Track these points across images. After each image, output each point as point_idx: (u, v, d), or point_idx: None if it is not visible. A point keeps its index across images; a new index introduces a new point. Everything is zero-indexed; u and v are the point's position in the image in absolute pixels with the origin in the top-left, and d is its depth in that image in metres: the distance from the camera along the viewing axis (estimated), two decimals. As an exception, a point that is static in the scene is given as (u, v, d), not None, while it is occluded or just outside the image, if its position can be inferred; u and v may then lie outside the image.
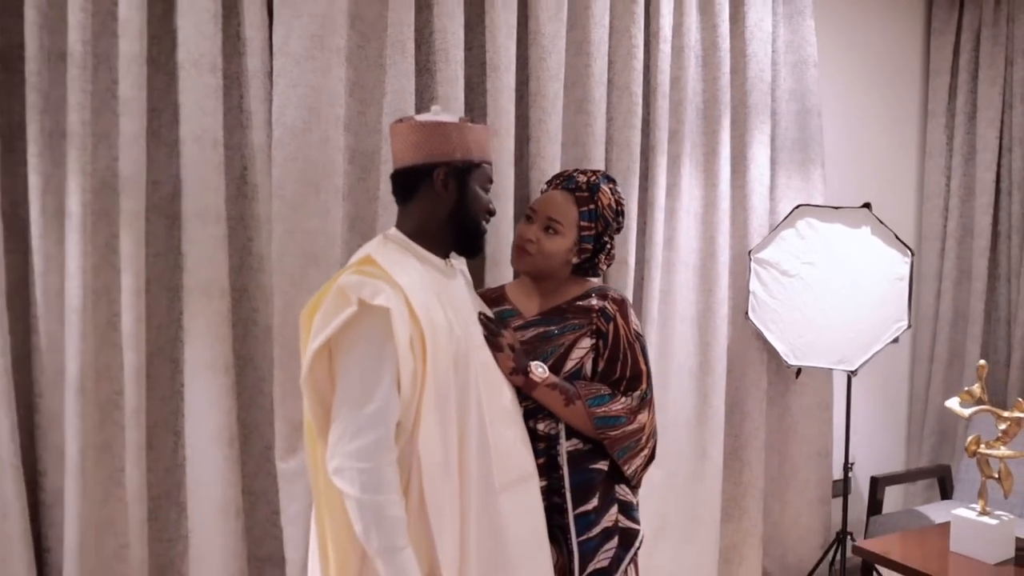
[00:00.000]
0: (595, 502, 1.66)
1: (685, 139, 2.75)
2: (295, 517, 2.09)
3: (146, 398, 2.00)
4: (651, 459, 1.77)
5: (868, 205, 2.83)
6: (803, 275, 2.83)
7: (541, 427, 1.68)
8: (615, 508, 1.69)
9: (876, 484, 3.15)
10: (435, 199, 1.55)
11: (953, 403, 2.36)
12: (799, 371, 3.02)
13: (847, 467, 2.98)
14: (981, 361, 2.36)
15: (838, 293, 2.81)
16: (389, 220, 2.08)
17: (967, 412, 2.32)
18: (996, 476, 2.30)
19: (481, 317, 1.64)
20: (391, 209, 1.69)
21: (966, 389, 2.33)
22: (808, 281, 2.83)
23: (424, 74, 2.28)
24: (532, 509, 1.60)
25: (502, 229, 2.31)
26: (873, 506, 3.14)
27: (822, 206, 2.88)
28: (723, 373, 2.86)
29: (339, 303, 1.37)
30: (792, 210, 2.86)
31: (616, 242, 2.53)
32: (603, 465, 1.69)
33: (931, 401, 3.60)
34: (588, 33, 2.49)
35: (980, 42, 3.53)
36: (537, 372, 1.64)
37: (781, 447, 3.11)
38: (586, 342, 1.71)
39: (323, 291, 1.44)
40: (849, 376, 2.91)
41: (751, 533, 2.98)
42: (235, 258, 2.13)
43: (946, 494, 3.30)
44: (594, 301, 1.75)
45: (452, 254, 1.66)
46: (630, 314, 1.76)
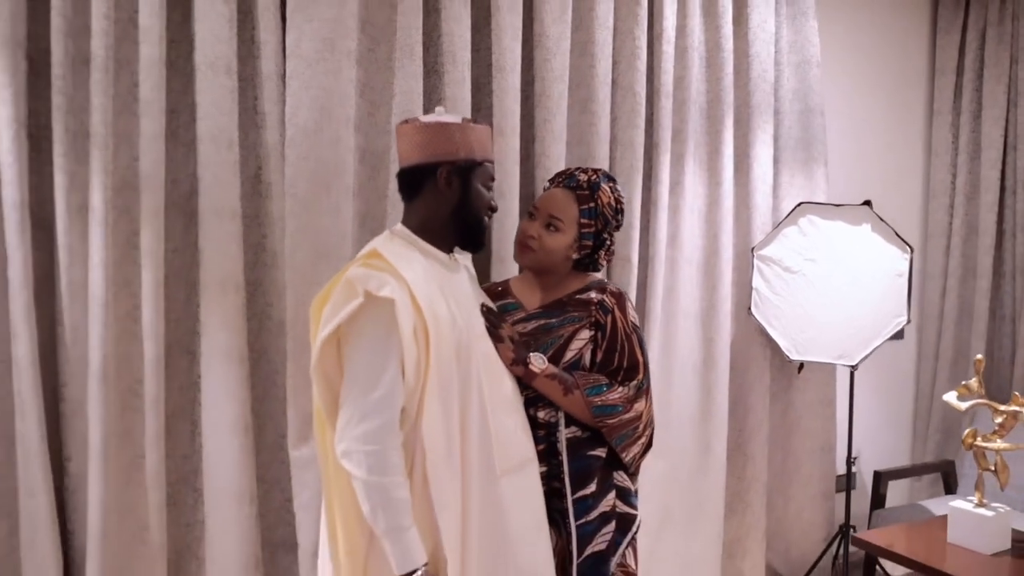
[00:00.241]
0: (593, 487, 1.73)
1: (689, 138, 2.80)
2: (307, 503, 2.17)
3: (164, 388, 2.08)
4: (648, 447, 1.83)
5: (868, 202, 2.87)
6: (805, 271, 2.88)
7: (541, 415, 1.74)
8: (613, 494, 1.75)
9: (879, 479, 3.19)
10: (439, 196, 1.61)
11: (951, 397, 2.40)
12: (801, 366, 3.06)
13: (849, 462, 3.02)
14: (978, 356, 2.40)
15: (839, 289, 2.85)
16: (398, 217, 2.13)
17: (964, 406, 2.36)
18: (993, 469, 2.34)
19: (483, 309, 1.71)
20: (399, 207, 1.75)
21: (963, 383, 2.37)
22: (810, 277, 2.88)
23: (432, 76, 2.35)
24: (532, 493, 1.66)
25: (507, 226, 2.37)
26: (876, 500, 3.17)
27: (824, 203, 2.92)
28: (726, 368, 2.91)
29: (347, 295, 1.45)
30: (794, 207, 2.91)
31: (617, 239, 2.60)
32: (601, 452, 1.75)
33: (936, 398, 3.63)
34: (592, 35, 2.54)
35: (985, 41, 3.56)
36: (536, 363, 1.70)
37: (784, 442, 3.15)
38: (585, 334, 1.78)
39: (332, 283, 1.51)
40: (852, 372, 2.95)
41: (754, 527, 3.03)
42: (250, 254, 2.21)
43: (950, 489, 3.33)
44: (593, 295, 1.82)
45: (456, 249, 1.73)
46: (628, 307, 1.82)
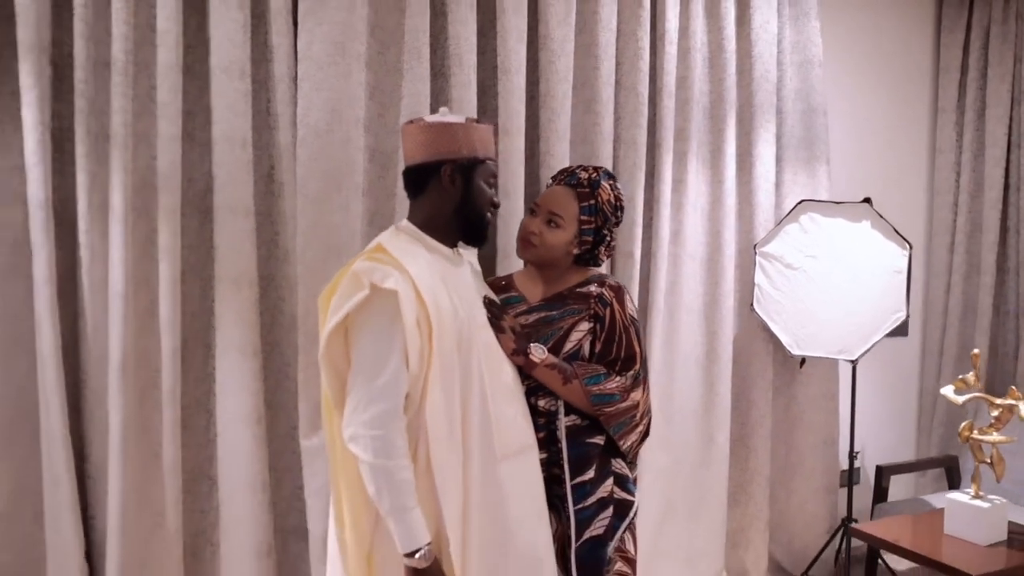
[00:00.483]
0: (591, 473, 1.79)
1: (691, 137, 2.86)
2: (317, 491, 2.24)
3: (181, 380, 2.17)
4: (646, 435, 1.89)
5: (868, 200, 2.91)
6: (806, 268, 2.92)
7: (541, 404, 1.81)
8: (611, 480, 1.81)
9: (881, 473, 3.22)
10: (442, 193, 1.68)
11: (948, 390, 2.44)
12: (803, 361, 3.11)
13: (852, 456, 3.06)
14: (975, 350, 2.44)
15: (839, 285, 2.89)
16: (405, 215, 2.21)
17: (960, 399, 2.40)
18: (989, 461, 2.38)
19: (485, 301, 1.77)
20: (407, 205, 1.82)
21: (960, 377, 2.41)
22: (811, 274, 2.92)
23: (439, 78, 2.42)
24: (531, 477, 1.73)
25: (512, 224, 2.43)
26: (879, 494, 3.21)
27: (824, 201, 2.96)
28: (729, 363, 2.96)
29: (353, 286, 1.52)
30: (795, 205, 2.95)
31: (621, 235, 2.67)
32: (599, 440, 1.82)
33: (940, 394, 3.65)
34: (596, 37, 2.60)
35: (989, 40, 3.58)
36: (536, 353, 1.77)
37: (787, 436, 3.19)
38: (584, 325, 1.84)
39: (339, 276, 1.58)
40: (854, 367, 2.99)
41: (757, 517, 3.07)
42: (263, 250, 2.29)
43: (953, 484, 3.36)
44: (593, 288, 1.88)
45: (461, 244, 1.80)
46: (626, 300, 1.88)
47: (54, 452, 2.02)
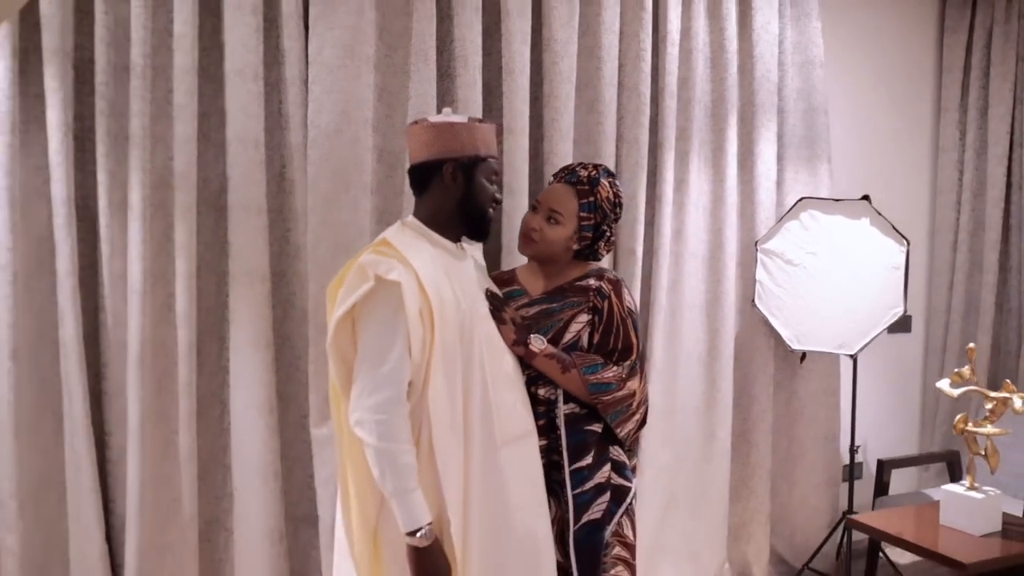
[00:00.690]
0: (589, 459, 1.85)
1: (693, 136, 2.91)
2: (327, 480, 2.31)
3: (196, 371, 2.25)
4: (643, 424, 1.95)
5: (867, 197, 2.96)
6: (806, 264, 2.97)
7: (541, 392, 1.87)
8: (608, 466, 1.87)
9: (882, 467, 3.27)
10: (445, 190, 1.75)
11: (944, 384, 2.49)
12: (803, 356, 3.15)
13: (852, 450, 3.10)
14: (970, 344, 2.48)
15: (839, 281, 2.94)
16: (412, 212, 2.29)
17: (955, 392, 2.45)
18: (983, 453, 2.42)
19: (487, 293, 1.84)
20: (414, 203, 1.89)
21: (955, 371, 2.46)
22: (811, 270, 2.97)
23: (445, 79, 2.49)
24: (530, 463, 1.79)
25: (516, 221, 2.49)
26: (880, 488, 3.25)
27: (824, 198, 3.01)
28: (730, 358, 3.00)
29: (359, 278, 1.59)
30: (795, 202, 3.00)
31: (623, 233, 2.73)
32: (597, 427, 1.88)
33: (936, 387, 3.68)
34: (599, 38, 2.66)
35: (992, 39, 3.61)
36: (536, 343, 1.83)
37: (789, 430, 3.24)
38: (583, 317, 1.90)
39: (346, 268, 1.66)
40: (855, 362, 3.03)
41: (759, 511, 3.12)
42: (275, 247, 2.37)
43: (955, 478, 3.39)
44: (592, 282, 1.94)
45: (465, 240, 1.86)
46: (624, 293, 1.94)
47: (76, 439, 2.11)
